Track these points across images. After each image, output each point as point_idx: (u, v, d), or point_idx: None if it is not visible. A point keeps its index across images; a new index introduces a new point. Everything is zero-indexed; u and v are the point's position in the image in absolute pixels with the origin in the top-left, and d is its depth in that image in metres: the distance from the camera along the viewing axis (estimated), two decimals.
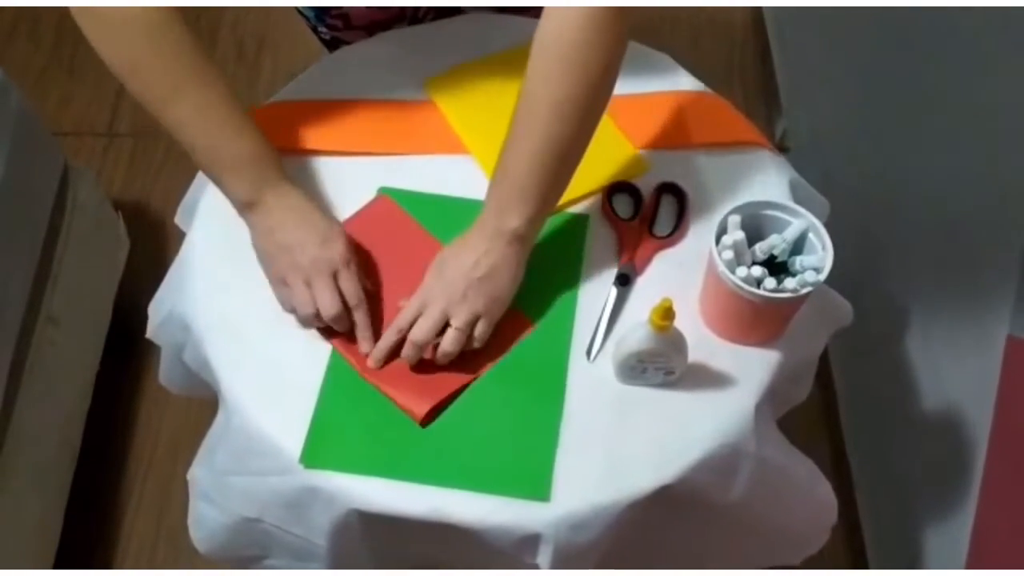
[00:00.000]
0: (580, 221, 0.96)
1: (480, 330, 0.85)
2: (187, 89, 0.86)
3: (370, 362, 0.86)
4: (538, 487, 0.81)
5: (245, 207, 0.89)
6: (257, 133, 0.89)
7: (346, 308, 0.86)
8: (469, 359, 0.87)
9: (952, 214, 1.17)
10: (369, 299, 0.88)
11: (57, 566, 1.36)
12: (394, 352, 0.86)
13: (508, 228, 0.84)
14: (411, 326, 0.85)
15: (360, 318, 0.87)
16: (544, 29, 0.82)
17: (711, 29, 2.10)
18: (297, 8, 1.16)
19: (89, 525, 1.50)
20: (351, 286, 0.87)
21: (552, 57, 0.82)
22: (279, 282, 0.88)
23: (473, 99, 1.05)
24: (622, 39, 0.83)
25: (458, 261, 0.85)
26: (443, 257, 0.87)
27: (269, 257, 0.88)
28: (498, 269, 0.84)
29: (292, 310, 0.88)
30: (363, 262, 0.92)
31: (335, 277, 0.86)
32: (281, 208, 0.88)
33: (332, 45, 1.18)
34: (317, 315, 0.86)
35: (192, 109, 0.87)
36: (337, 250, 0.87)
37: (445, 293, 0.84)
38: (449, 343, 0.84)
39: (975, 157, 1.12)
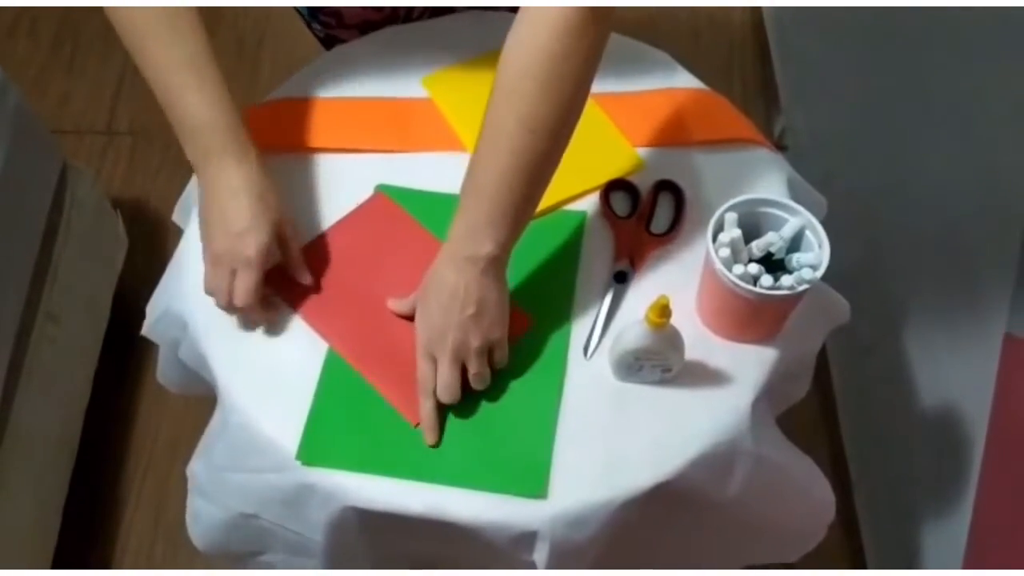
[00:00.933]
0: (576, 219, 0.96)
1: (498, 356, 0.84)
2: (154, 43, 0.85)
3: (426, 432, 0.83)
4: (535, 485, 0.81)
5: (196, 170, 0.87)
6: (217, 99, 0.86)
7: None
8: None
9: (950, 213, 1.17)
10: (366, 297, 0.88)
11: (55, 563, 1.36)
12: (404, 371, 0.85)
13: (482, 255, 0.80)
14: (433, 382, 0.83)
15: (242, 320, 0.88)
16: (516, 37, 0.78)
17: (710, 27, 2.10)
18: (294, 6, 1.16)
19: (87, 522, 1.50)
20: (242, 286, 0.84)
21: (522, 72, 0.77)
22: (204, 250, 0.87)
23: (471, 96, 1.04)
24: (598, 49, 0.78)
25: (442, 306, 0.81)
26: (426, 305, 0.83)
27: (201, 225, 0.87)
28: (484, 299, 0.81)
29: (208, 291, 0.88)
30: (360, 260, 0.92)
31: (234, 274, 0.85)
32: (215, 186, 0.86)
33: (327, 42, 1.19)
34: (230, 304, 0.85)
35: (153, 65, 0.85)
36: (249, 247, 0.84)
37: (446, 345, 0.81)
38: (477, 383, 0.83)
39: (973, 156, 1.12)
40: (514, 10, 1.12)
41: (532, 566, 0.83)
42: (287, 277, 0.91)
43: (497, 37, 1.07)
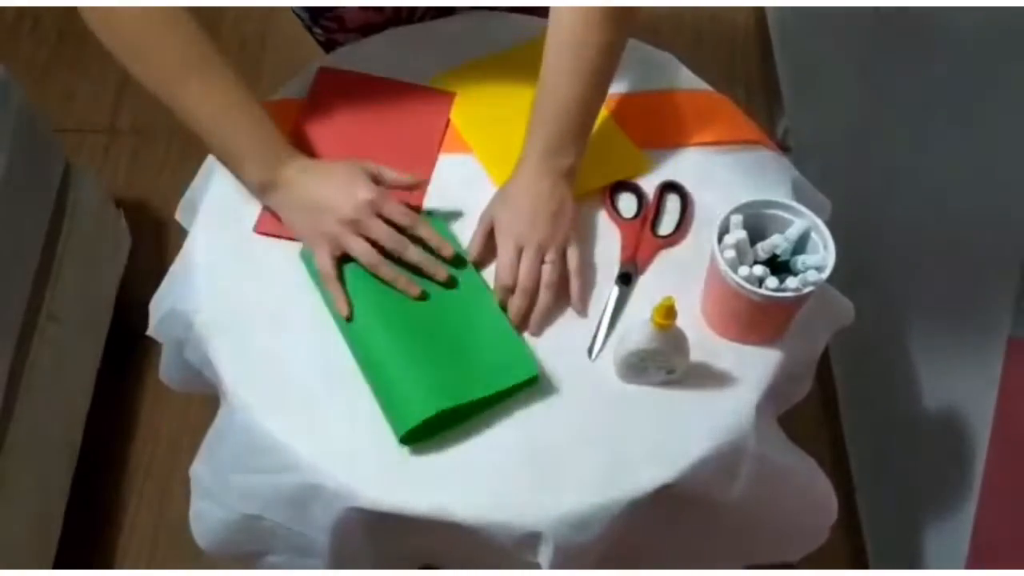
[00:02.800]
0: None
1: (574, 260, 0.90)
2: (198, 72, 0.88)
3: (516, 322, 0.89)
4: (525, 368, 0.85)
5: (265, 187, 0.91)
6: (265, 113, 0.91)
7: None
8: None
9: (954, 214, 1.17)
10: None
11: (57, 563, 1.36)
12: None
13: (566, 165, 0.90)
14: (515, 274, 0.88)
15: (422, 231, 0.91)
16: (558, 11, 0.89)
17: (713, 29, 2.10)
18: (292, 9, 1.16)
19: (89, 523, 1.50)
20: (398, 211, 0.89)
21: (579, 14, 0.88)
22: (326, 244, 0.89)
23: (476, 98, 1.05)
24: (632, 23, 0.91)
25: (533, 201, 0.89)
26: (510, 194, 0.91)
27: (311, 225, 0.90)
28: (566, 200, 0.90)
29: (326, 276, 0.89)
30: (340, 136, 0.98)
31: (380, 214, 0.89)
32: (301, 178, 0.90)
33: (327, 46, 1.18)
34: (382, 258, 0.88)
35: (202, 94, 0.88)
36: (368, 187, 0.89)
37: (535, 236, 0.88)
38: (549, 274, 0.89)
39: (977, 157, 1.12)
40: (516, 10, 1.13)
41: (536, 567, 0.83)
42: None
43: (502, 38, 1.09)
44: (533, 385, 0.86)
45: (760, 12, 2.06)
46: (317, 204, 0.89)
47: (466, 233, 0.95)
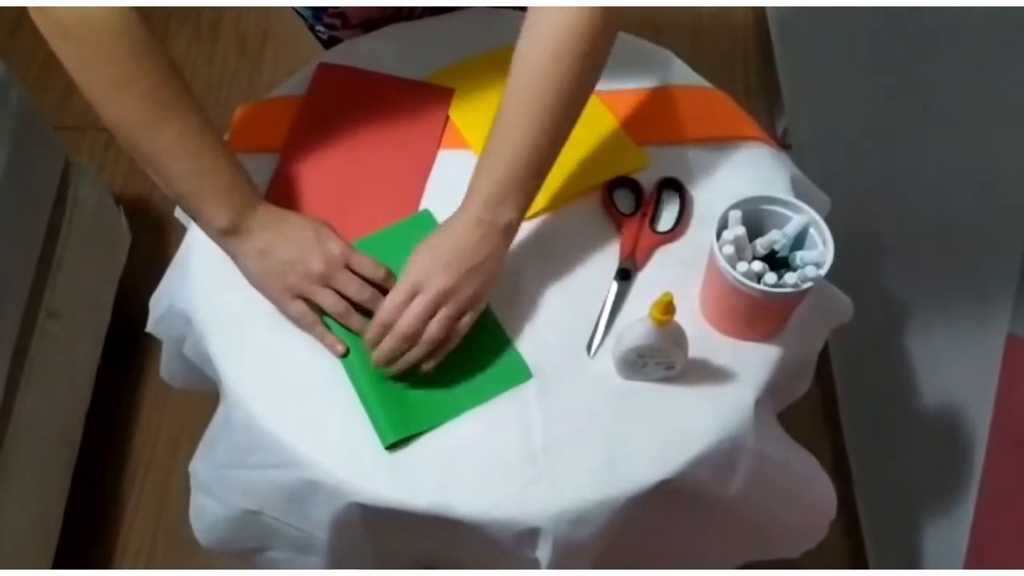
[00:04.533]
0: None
1: (464, 323, 0.84)
2: (172, 114, 0.84)
3: (375, 363, 0.85)
4: (517, 374, 0.86)
5: (227, 233, 0.86)
6: (234, 158, 0.88)
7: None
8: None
9: (953, 212, 1.17)
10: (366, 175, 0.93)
11: (56, 560, 1.36)
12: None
13: (503, 221, 0.83)
14: (396, 316, 0.83)
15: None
16: (531, 36, 0.84)
17: (713, 26, 2.10)
18: (294, 8, 1.16)
19: (89, 520, 1.50)
20: (368, 265, 0.88)
21: (543, 52, 0.82)
22: (288, 300, 0.87)
23: (476, 95, 1.05)
24: (609, 42, 0.84)
25: (452, 248, 0.83)
26: (433, 244, 0.84)
27: (268, 278, 0.87)
28: (491, 260, 0.83)
29: (310, 321, 0.87)
30: (338, 133, 0.96)
31: (349, 267, 0.87)
32: (267, 228, 0.87)
33: (329, 44, 1.18)
34: (350, 307, 0.87)
35: (176, 136, 0.84)
36: (335, 240, 0.87)
37: (438, 279, 0.82)
38: (436, 326, 0.82)
39: (976, 154, 1.12)
40: (519, 9, 1.13)
41: (535, 563, 0.83)
42: None
43: (503, 35, 1.08)
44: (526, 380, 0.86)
45: (760, 10, 2.06)
46: (286, 258, 0.86)
47: None
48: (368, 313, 0.87)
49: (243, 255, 0.87)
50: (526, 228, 0.95)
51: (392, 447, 0.83)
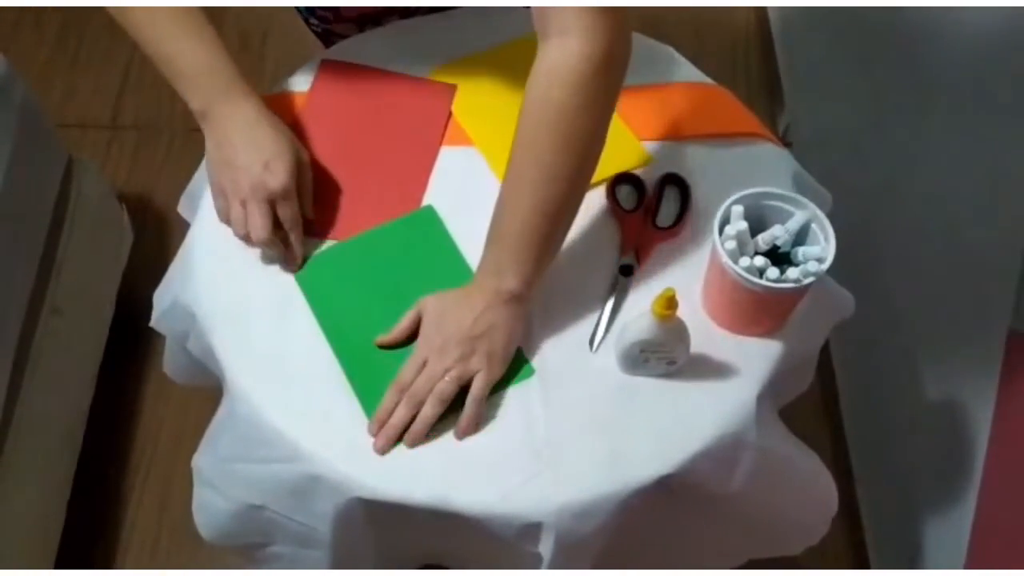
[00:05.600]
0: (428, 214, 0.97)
1: (477, 386, 0.84)
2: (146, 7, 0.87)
3: (380, 441, 0.83)
4: (521, 370, 0.87)
5: (199, 116, 0.89)
6: (213, 41, 0.89)
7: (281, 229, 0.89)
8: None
9: (954, 209, 1.17)
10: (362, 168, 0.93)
11: (59, 557, 1.36)
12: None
13: (506, 289, 0.84)
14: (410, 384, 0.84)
15: (294, 240, 0.90)
16: (532, 87, 0.82)
17: (715, 24, 2.10)
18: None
19: (91, 516, 1.50)
20: (288, 213, 0.88)
21: (539, 122, 0.82)
22: (219, 193, 0.90)
23: (478, 91, 1.05)
24: (612, 96, 0.83)
25: (457, 317, 0.84)
26: (441, 311, 0.86)
27: (215, 168, 0.89)
28: (496, 328, 0.84)
29: (227, 223, 0.90)
30: (341, 129, 0.97)
31: (272, 203, 0.88)
32: (231, 122, 0.88)
33: (324, 37, 1.19)
34: (247, 236, 0.88)
35: (146, 13, 0.87)
36: (278, 178, 0.87)
37: (445, 349, 0.84)
38: (444, 390, 0.83)
39: (977, 152, 1.12)
40: (519, 9, 1.13)
41: (537, 558, 0.83)
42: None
43: (506, 31, 1.09)
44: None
45: (761, 8, 2.06)
46: (231, 160, 0.88)
47: (466, 226, 0.95)
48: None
49: (207, 139, 0.89)
50: None
51: None
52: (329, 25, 1.16)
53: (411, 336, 0.88)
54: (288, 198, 0.88)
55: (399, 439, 0.83)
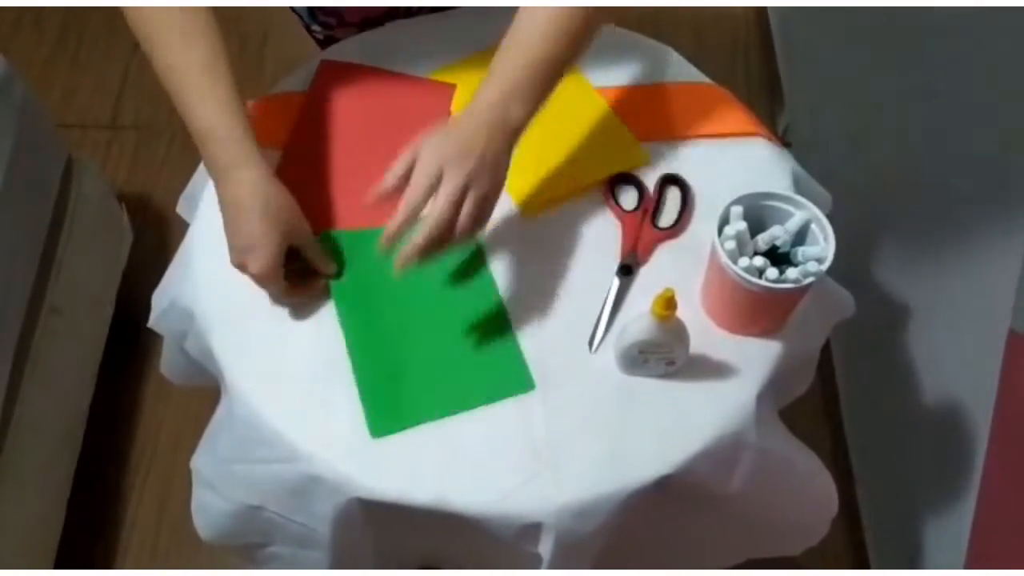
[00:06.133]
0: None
1: (486, 213, 0.83)
2: (162, 45, 0.87)
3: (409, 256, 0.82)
4: (520, 382, 0.86)
5: (211, 178, 0.89)
6: (224, 107, 0.87)
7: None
8: None
9: (953, 209, 1.17)
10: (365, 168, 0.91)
11: (59, 557, 1.36)
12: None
13: (513, 118, 0.82)
14: (423, 203, 0.81)
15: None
16: None
17: (714, 23, 2.10)
18: (291, 8, 1.16)
19: (91, 515, 1.50)
20: (273, 291, 0.88)
21: None
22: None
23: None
24: None
25: (458, 145, 0.81)
26: (438, 142, 0.82)
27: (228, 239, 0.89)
28: (500, 159, 0.83)
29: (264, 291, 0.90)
30: (341, 129, 0.96)
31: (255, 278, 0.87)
32: (225, 198, 0.87)
33: (325, 45, 1.18)
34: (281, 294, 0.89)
35: (164, 68, 0.87)
36: (256, 264, 0.85)
37: (462, 162, 0.80)
38: (468, 218, 0.81)
39: (977, 152, 1.12)
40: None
41: (537, 558, 0.83)
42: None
43: (501, 32, 1.08)
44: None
45: (762, 9, 2.06)
46: (226, 233, 0.87)
47: None
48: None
49: (218, 197, 0.89)
50: (528, 224, 0.96)
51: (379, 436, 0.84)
52: (332, 31, 1.16)
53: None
54: (269, 279, 0.86)
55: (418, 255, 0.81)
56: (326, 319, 0.90)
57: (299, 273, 0.90)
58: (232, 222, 0.86)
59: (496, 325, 0.89)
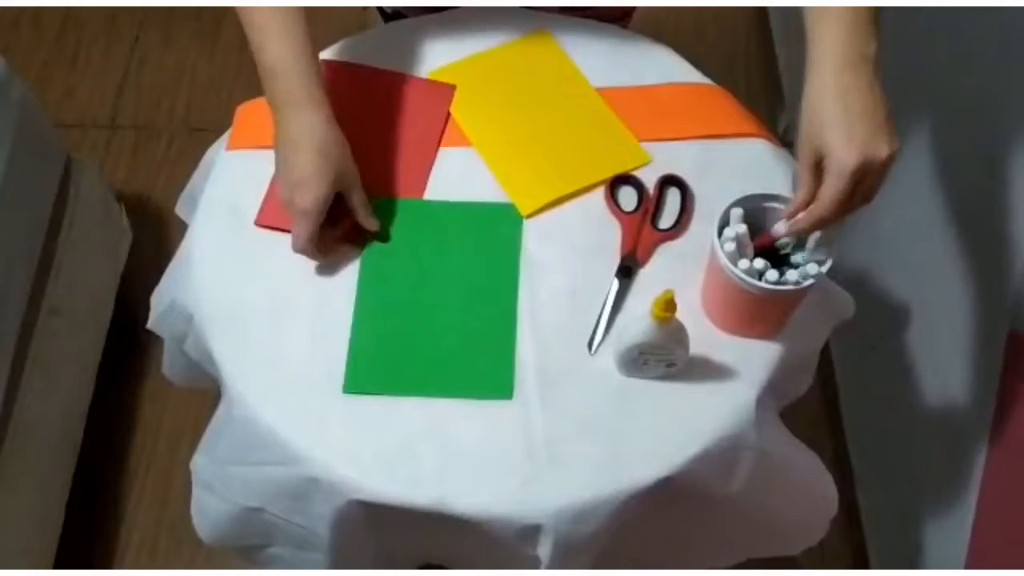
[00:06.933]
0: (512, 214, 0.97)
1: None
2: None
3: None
4: (502, 387, 0.86)
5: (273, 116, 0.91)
6: (294, 46, 0.88)
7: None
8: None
9: (955, 208, 1.17)
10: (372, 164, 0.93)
11: (58, 556, 1.36)
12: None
13: (871, 53, 0.76)
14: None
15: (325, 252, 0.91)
16: None
17: (715, 23, 2.10)
18: None
19: (90, 517, 1.50)
20: (298, 235, 0.88)
21: None
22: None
23: (476, 92, 1.05)
24: None
25: (862, 114, 0.77)
26: (845, 120, 0.77)
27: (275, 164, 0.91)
28: (887, 98, 0.77)
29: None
30: (344, 132, 0.94)
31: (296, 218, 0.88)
32: (282, 134, 0.89)
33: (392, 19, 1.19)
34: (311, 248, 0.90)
35: (243, 4, 0.89)
36: (303, 202, 0.86)
37: (877, 156, 0.77)
38: (860, 199, 0.77)
39: (977, 152, 1.12)
40: (519, 9, 1.13)
41: (536, 560, 0.83)
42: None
43: (501, 32, 1.08)
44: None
45: (762, 9, 2.06)
46: (276, 169, 0.89)
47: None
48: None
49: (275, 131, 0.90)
50: (528, 225, 0.96)
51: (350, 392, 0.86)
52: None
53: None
54: (311, 217, 0.87)
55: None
56: (326, 321, 0.90)
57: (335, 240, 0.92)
58: (287, 159, 0.88)
59: (501, 327, 0.89)
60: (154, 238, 1.74)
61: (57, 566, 1.36)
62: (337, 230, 0.92)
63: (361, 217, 0.92)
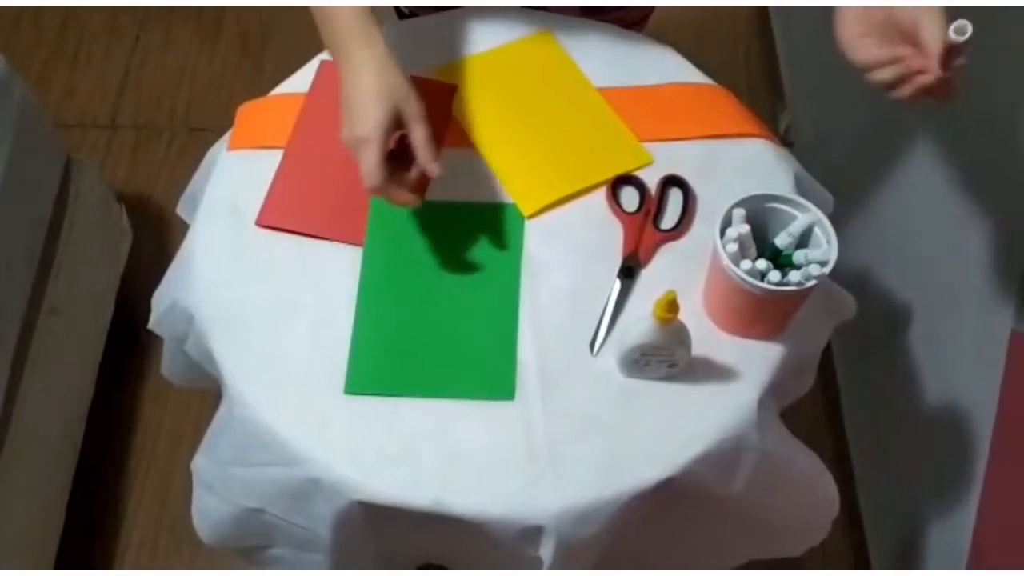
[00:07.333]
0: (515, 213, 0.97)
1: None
2: None
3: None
4: (503, 388, 0.86)
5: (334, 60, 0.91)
6: (356, 9, 0.89)
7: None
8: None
9: (956, 209, 1.17)
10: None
11: (59, 557, 1.36)
12: None
13: None
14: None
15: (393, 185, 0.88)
16: None
17: (716, 23, 2.10)
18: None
19: (91, 517, 1.50)
20: (363, 167, 0.85)
21: None
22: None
23: (478, 92, 1.04)
24: None
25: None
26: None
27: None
28: None
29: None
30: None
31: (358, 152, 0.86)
32: (344, 67, 0.88)
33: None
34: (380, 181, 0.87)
35: None
36: (363, 124, 0.85)
37: None
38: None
39: (979, 151, 1.12)
40: (519, 9, 1.13)
41: (538, 562, 0.83)
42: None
43: (502, 32, 1.08)
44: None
45: (763, 9, 2.06)
46: (353, 108, 0.87)
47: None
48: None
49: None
50: (529, 225, 0.95)
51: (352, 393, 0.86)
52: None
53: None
54: (370, 145, 0.84)
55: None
56: (327, 321, 0.90)
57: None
58: (347, 97, 0.87)
59: (503, 327, 0.89)
60: (154, 238, 1.74)
61: (57, 566, 1.36)
62: (413, 171, 0.88)
63: (421, 157, 0.87)
